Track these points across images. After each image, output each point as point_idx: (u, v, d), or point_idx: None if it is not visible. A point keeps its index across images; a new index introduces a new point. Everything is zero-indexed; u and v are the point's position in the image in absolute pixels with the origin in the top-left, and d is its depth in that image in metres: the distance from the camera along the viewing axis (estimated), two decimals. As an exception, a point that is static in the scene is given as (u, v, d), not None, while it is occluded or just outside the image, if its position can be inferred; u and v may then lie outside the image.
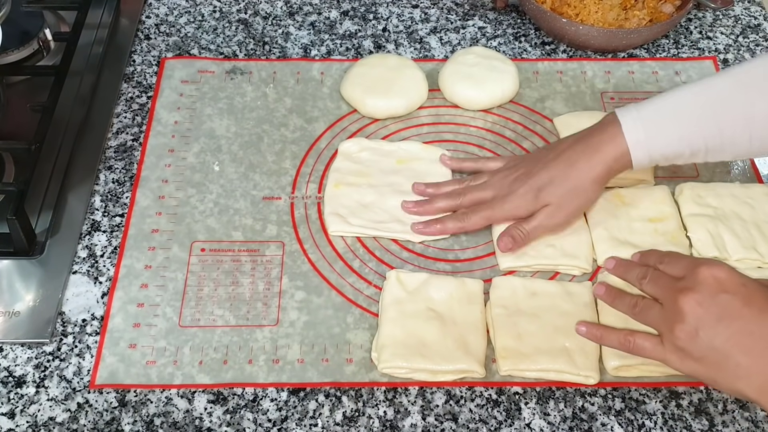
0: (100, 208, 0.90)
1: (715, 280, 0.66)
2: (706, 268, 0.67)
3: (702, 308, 0.65)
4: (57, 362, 0.78)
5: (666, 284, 0.69)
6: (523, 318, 0.79)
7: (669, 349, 0.67)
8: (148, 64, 1.05)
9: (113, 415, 0.75)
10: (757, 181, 0.93)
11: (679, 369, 0.68)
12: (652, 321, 0.70)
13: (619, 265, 0.76)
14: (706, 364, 0.65)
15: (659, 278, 0.70)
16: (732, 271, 0.67)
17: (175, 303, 0.82)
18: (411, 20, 1.12)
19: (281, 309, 0.82)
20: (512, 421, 0.75)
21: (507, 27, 1.11)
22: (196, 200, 0.90)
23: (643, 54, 1.08)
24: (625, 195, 0.89)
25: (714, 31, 1.11)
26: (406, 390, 0.77)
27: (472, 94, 0.99)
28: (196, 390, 0.76)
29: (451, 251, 0.87)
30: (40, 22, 1.05)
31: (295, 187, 0.92)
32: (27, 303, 0.81)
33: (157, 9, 1.13)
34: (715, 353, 0.65)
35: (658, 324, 0.69)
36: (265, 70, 1.04)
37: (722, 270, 0.67)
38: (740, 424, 0.75)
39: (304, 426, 0.74)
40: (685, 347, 0.66)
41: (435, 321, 0.79)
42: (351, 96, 0.99)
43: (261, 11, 1.13)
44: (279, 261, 0.85)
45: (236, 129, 0.98)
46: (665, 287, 0.69)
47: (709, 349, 0.65)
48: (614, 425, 0.75)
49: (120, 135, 0.97)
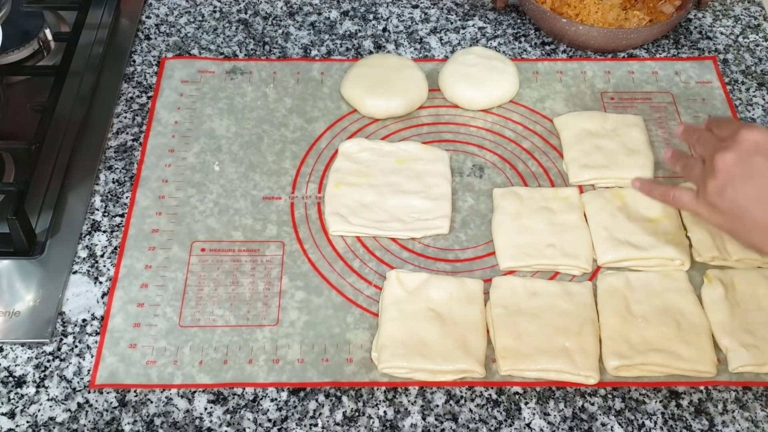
0: (100, 208, 0.90)
1: (753, 142, 0.70)
2: (746, 131, 0.70)
3: (734, 166, 0.70)
4: (57, 362, 0.78)
5: (710, 144, 0.73)
6: (523, 318, 0.79)
7: (701, 203, 0.73)
8: (148, 64, 1.05)
9: (113, 415, 0.75)
10: (757, 181, 0.93)
11: (708, 221, 0.73)
12: (694, 177, 0.74)
13: (686, 131, 0.79)
14: (729, 218, 0.71)
15: (707, 139, 0.74)
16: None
17: (175, 303, 0.82)
18: (411, 20, 1.12)
19: (281, 309, 0.82)
20: (512, 421, 0.75)
21: (507, 27, 1.11)
22: (196, 200, 0.90)
23: (643, 54, 1.08)
24: (625, 195, 0.89)
25: (714, 31, 1.11)
26: (406, 390, 0.77)
27: (472, 94, 0.99)
28: (196, 390, 0.76)
29: (451, 251, 0.87)
30: (40, 22, 1.05)
31: (295, 187, 0.92)
32: (27, 303, 0.81)
33: (157, 9, 1.13)
34: (738, 209, 0.69)
35: (697, 180, 0.74)
36: (265, 70, 1.04)
37: (762, 134, 0.70)
38: (740, 424, 0.75)
39: (304, 426, 0.74)
40: (714, 202, 0.71)
41: (435, 321, 0.79)
42: (351, 96, 0.99)
43: (261, 11, 1.13)
44: (279, 261, 0.85)
45: (236, 129, 0.98)
46: (709, 146, 0.73)
47: (733, 204, 0.70)
48: (614, 425, 0.75)
49: (120, 135, 0.97)
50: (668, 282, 0.83)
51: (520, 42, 1.09)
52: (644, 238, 0.85)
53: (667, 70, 1.05)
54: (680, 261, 0.84)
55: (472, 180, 0.93)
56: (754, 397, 0.77)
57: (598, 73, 1.04)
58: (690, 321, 0.79)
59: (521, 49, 1.08)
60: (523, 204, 0.89)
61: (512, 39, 1.10)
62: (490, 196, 0.91)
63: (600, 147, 0.93)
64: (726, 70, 1.06)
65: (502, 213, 0.88)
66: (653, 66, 1.06)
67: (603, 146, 0.93)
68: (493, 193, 0.91)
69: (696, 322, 0.80)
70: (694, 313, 0.80)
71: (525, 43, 1.09)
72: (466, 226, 0.89)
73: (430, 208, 0.89)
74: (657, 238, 0.85)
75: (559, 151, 0.96)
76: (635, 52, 1.08)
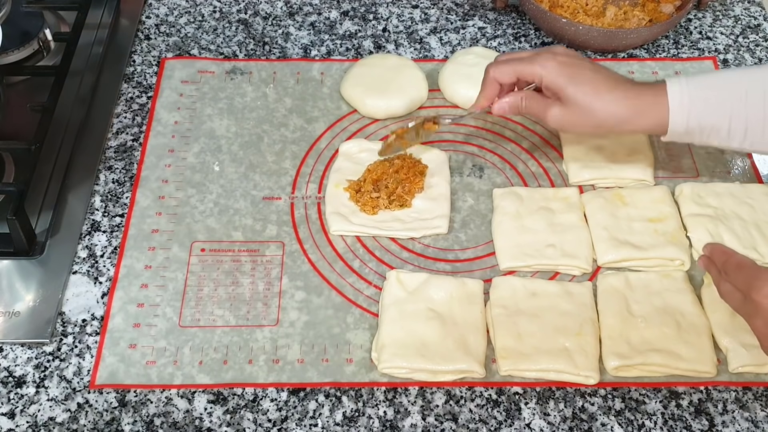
0: (100, 208, 0.90)
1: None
2: (756, 293, 0.66)
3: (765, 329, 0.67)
4: (57, 362, 0.78)
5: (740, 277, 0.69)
6: (523, 318, 0.79)
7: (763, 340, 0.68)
8: (148, 64, 1.05)
9: (113, 415, 0.75)
10: (756, 181, 0.93)
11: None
12: (738, 308, 0.70)
13: (707, 263, 0.75)
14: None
15: (733, 270, 0.70)
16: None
17: (175, 303, 0.82)
18: (411, 20, 1.12)
19: (281, 309, 0.82)
20: (512, 421, 0.75)
21: (507, 27, 1.11)
22: (196, 200, 0.90)
23: (643, 54, 1.08)
24: (625, 195, 0.89)
25: (714, 31, 1.11)
26: (406, 390, 0.77)
27: (472, 94, 0.98)
28: (196, 390, 0.76)
29: (451, 251, 0.87)
30: (40, 22, 1.05)
31: (295, 187, 0.92)
32: (27, 303, 0.81)
33: (157, 9, 1.13)
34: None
35: (742, 312, 0.69)
36: (265, 70, 1.04)
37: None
38: (740, 424, 0.75)
39: (304, 426, 0.74)
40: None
41: (435, 321, 0.79)
42: (351, 96, 0.99)
43: (261, 11, 1.13)
44: (279, 261, 0.85)
45: (236, 129, 0.98)
46: (740, 279, 0.69)
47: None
48: (614, 425, 0.75)
49: (120, 135, 0.97)
50: (668, 282, 0.83)
51: (520, 42, 1.09)
52: (644, 238, 0.85)
53: (667, 70, 1.05)
54: (680, 261, 0.84)
55: (472, 180, 0.93)
56: (754, 397, 0.77)
57: (598, 73, 1.04)
58: (690, 321, 0.79)
59: (521, 49, 1.08)
60: (523, 204, 0.89)
61: (512, 39, 1.10)
62: (490, 196, 0.91)
63: (600, 147, 0.93)
64: (726, 70, 1.06)
65: (502, 213, 0.88)
66: (653, 66, 1.06)
67: (603, 146, 0.93)
68: (493, 193, 0.91)
69: (696, 322, 0.80)
70: (694, 313, 0.80)
71: (525, 43, 1.09)
72: (466, 226, 0.89)
73: (429, 208, 0.89)
74: (657, 238, 0.85)
75: (559, 151, 0.96)
76: (635, 52, 1.08)
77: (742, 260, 0.70)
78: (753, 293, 0.66)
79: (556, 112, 0.81)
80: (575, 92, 0.80)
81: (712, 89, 0.79)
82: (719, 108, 0.78)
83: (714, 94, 0.78)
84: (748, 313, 0.68)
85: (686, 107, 0.78)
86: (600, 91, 0.79)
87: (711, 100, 0.78)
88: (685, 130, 0.79)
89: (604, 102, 0.79)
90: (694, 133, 0.80)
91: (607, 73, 0.81)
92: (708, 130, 0.79)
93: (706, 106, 0.78)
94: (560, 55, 0.82)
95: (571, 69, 0.80)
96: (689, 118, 0.78)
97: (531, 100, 0.83)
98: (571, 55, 0.82)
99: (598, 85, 0.80)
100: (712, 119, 0.78)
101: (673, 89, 0.79)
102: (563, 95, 0.80)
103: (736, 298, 0.69)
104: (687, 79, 0.79)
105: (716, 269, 0.72)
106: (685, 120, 0.79)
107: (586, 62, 0.82)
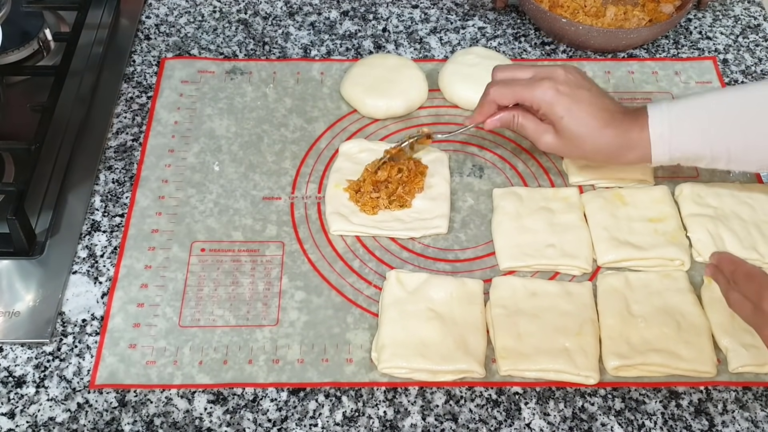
0: (100, 208, 0.90)
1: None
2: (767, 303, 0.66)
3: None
4: (57, 362, 0.78)
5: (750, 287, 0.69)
6: (523, 318, 0.79)
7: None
8: (148, 64, 1.05)
9: (113, 415, 0.75)
10: (757, 181, 0.93)
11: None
12: (749, 320, 0.70)
13: (714, 272, 0.74)
14: None
15: (742, 280, 0.70)
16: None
17: (175, 303, 0.82)
18: (411, 20, 1.12)
19: (281, 309, 0.82)
20: (512, 421, 0.75)
21: (507, 27, 1.11)
22: (196, 200, 0.90)
23: (643, 54, 1.08)
24: (625, 195, 0.89)
25: (714, 32, 1.11)
26: (406, 390, 0.77)
27: (472, 94, 0.98)
28: (196, 390, 0.76)
29: (451, 251, 0.87)
30: (40, 22, 1.05)
31: (295, 187, 0.92)
32: (27, 303, 0.81)
33: (157, 9, 1.13)
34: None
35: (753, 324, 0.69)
36: (265, 70, 1.04)
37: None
38: (740, 424, 0.75)
39: (304, 426, 0.74)
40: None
41: (435, 321, 0.79)
42: (351, 96, 0.99)
43: (261, 11, 1.13)
44: (279, 261, 0.85)
45: (236, 129, 0.98)
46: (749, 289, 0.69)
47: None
48: (614, 425, 0.75)
49: (120, 135, 0.97)
50: (668, 282, 0.83)
51: (520, 42, 1.09)
52: (644, 238, 0.85)
53: (667, 70, 1.05)
54: (680, 261, 0.84)
55: (472, 180, 0.93)
56: (754, 397, 0.77)
57: (597, 73, 1.04)
58: (690, 321, 0.79)
59: (521, 49, 1.08)
60: (523, 204, 0.89)
61: (512, 39, 1.10)
62: (490, 196, 0.91)
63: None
64: (726, 70, 1.06)
65: (501, 213, 0.88)
66: (653, 66, 1.06)
67: (603, 146, 0.93)
68: (493, 193, 0.91)
69: (696, 322, 0.79)
70: (694, 313, 0.80)
71: (525, 43, 1.09)
72: (466, 226, 0.89)
73: (429, 208, 0.89)
74: (657, 238, 0.85)
75: (559, 151, 0.96)
76: (635, 52, 1.08)
77: (751, 270, 0.70)
78: (764, 303, 0.66)
79: (549, 140, 0.84)
80: (569, 125, 0.82)
81: (691, 119, 0.81)
82: (700, 137, 0.81)
83: (693, 124, 0.81)
84: (758, 324, 0.68)
85: (667, 140, 0.81)
86: (593, 128, 0.82)
87: (691, 130, 0.81)
88: (669, 159, 0.82)
89: (594, 138, 0.82)
90: (678, 160, 0.83)
91: (602, 104, 0.83)
92: (692, 158, 0.82)
93: (688, 137, 0.81)
94: (560, 84, 0.82)
95: (569, 100, 0.82)
96: (671, 149, 0.81)
97: (525, 120, 0.85)
98: (571, 84, 0.83)
99: (592, 120, 0.82)
100: (693, 148, 0.81)
101: (654, 121, 0.81)
102: (558, 126, 0.83)
103: (746, 307, 0.69)
104: (669, 108, 0.81)
105: (724, 278, 0.72)
106: (666, 152, 0.81)
107: (585, 92, 0.83)
